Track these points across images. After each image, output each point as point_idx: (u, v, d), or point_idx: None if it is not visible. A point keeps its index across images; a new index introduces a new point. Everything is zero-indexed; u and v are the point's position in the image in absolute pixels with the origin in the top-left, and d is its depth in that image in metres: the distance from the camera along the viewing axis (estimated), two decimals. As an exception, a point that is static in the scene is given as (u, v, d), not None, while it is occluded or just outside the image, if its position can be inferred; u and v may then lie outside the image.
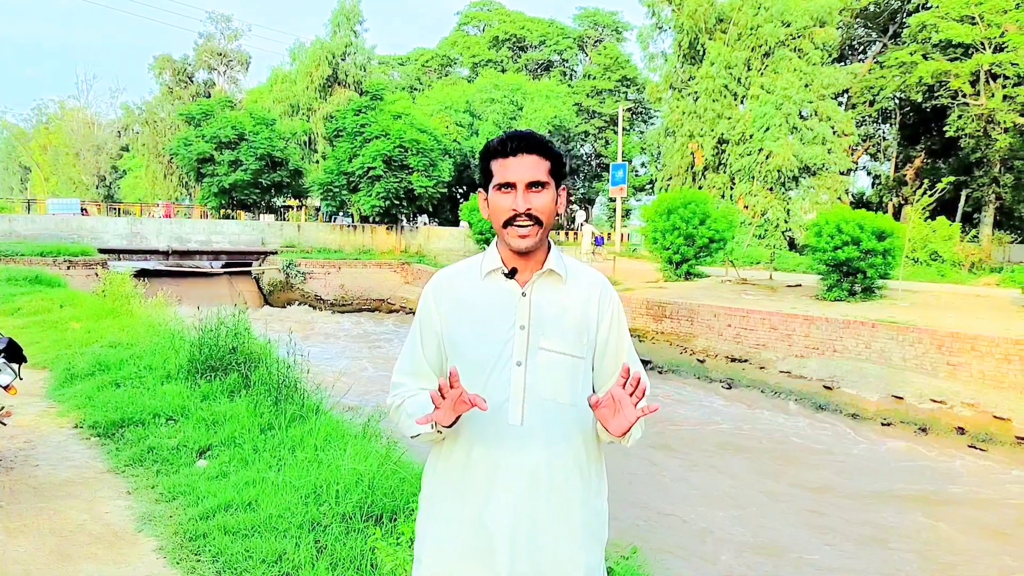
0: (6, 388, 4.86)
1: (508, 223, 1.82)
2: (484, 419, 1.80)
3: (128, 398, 6.65)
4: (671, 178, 41.11)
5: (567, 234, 57.14)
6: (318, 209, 43.75)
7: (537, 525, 1.81)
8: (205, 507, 4.39)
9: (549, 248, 1.90)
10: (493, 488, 1.81)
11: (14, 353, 5.03)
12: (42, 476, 5.07)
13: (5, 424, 5.22)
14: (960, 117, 33.10)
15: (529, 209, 1.80)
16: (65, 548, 4.01)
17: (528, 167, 1.82)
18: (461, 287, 1.91)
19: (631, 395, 1.71)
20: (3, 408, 5.07)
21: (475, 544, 1.81)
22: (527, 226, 1.81)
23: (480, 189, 1.93)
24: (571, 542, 1.86)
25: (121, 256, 29.39)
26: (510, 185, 1.82)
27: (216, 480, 4.86)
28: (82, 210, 35.96)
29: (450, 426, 1.73)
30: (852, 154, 40.56)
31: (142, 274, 26.68)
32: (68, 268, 23.85)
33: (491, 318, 1.85)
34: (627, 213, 56.77)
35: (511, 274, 1.86)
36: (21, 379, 5.07)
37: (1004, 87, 31.86)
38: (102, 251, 27.68)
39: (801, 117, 37.51)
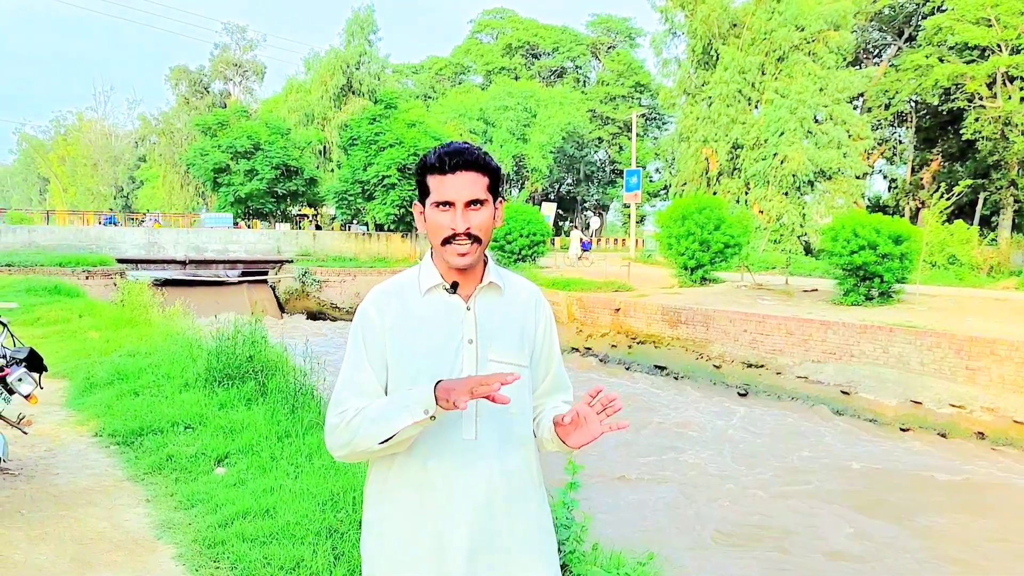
0: (27, 397, 4.91)
1: (447, 241, 1.79)
2: (438, 435, 1.79)
3: (146, 406, 6.69)
4: (685, 183, 41.06)
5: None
6: (333, 217, 43.96)
7: (497, 539, 1.80)
8: (223, 514, 4.41)
9: (486, 260, 1.90)
10: (451, 505, 1.78)
11: (35, 362, 5.07)
12: (62, 484, 5.11)
13: (26, 433, 5.27)
14: (977, 120, 32.89)
15: (468, 228, 1.78)
16: (85, 555, 4.05)
17: (466, 185, 1.78)
18: (403, 303, 1.86)
19: (599, 413, 1.73)
20: (24, 417, 5.12)
21: (432, 565, 1.78)
22: (466, 245, 1.78)
23: (416, 202, 1.89)
24: (531, 553, 1.86)
25: (139, 266, 29.63)
26: (448, 203, 1.79)
27: (234, 488, 4.89)
28: (234, 223, 36.62)
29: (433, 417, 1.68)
30: (868, 158, 40.37)
31: (160, 284, 26.90)
32: (87, 278, 24.03)
33: (438, 334, 1.83)
34: (641, 219, 56.72)
35: (453, 288, 1.85)
36: (42, 388, 5.12)
37: (1021, 89, 31.64)
38: (120, 261, 27.89)
39: (816, 121, 37.38)
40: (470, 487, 1.79)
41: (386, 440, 1.71)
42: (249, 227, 37.29)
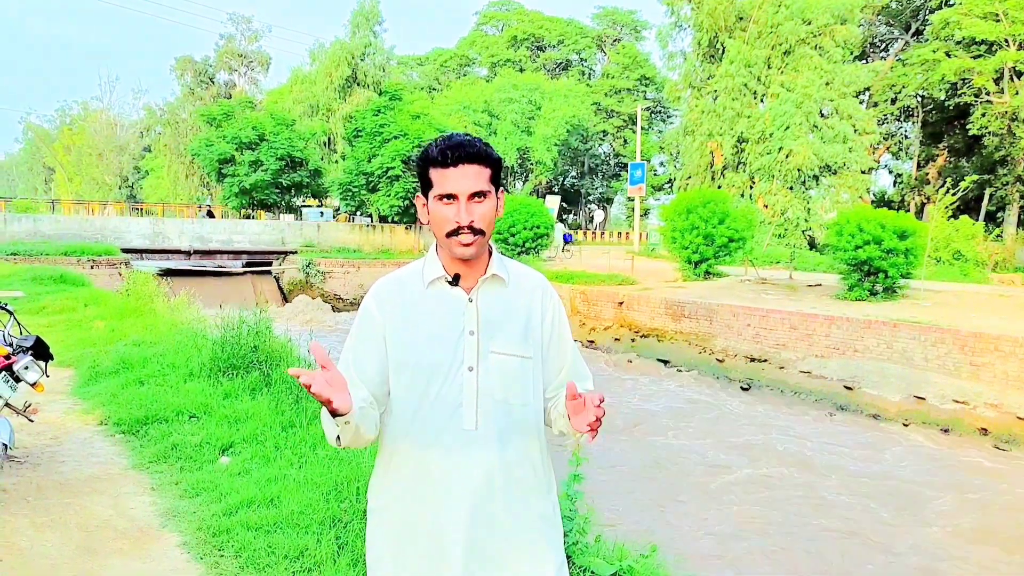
0: (33, 385, 4.93)
1: (451, 234, 1.80)
2: (438, 426, 1.81)
3: (152, 396, 6.72)
4: (690, 177, 40.96)
5: (585, 234, 57.06)
6: (337, 209, 43.98)
7: (495, 529, 1.82)
8: (228, 503, 4.44)
9: (491, 252, 1.90)
10: (449, 495, 1.80)
11: (41, 351, 5.10)
12: (68, 472, 5.14)
13: (32, 421, 5.30)
14: (984, 115, 32.80)
15: (472, 221, 1.79)
16: (91, 543, 4.07)
17: (470, 177, 1.79)
18: (405, 296, 1.88)
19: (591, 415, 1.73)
20: (30, 405, 5.15)
21: (431, 553, 1.81)
22: (470, 237, 1.79)
23: (419, 195, 1.89)
24: (531, 544, 1.87)
25: (144, 256, 29.67)
26: (452, 196, 1.80)
27: (239, 477, 4.92)
28: (333, 216, 37.07)
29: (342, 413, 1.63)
30: (873, 153, 40.23)
31: (165, 273, 26.94)
32: (92, 267, 24.11)
33: (439, 325, 1.84)
34: (646, 212, 56.65)
35: (455, 281, 1.85)
36: (48, 376, 5.14)
37: (1029, 84, 31.53)
38: (125, 251, 27.94)
39: (822, 115, 37.26)
40: (468, 477, 1.81)
41: (336, 439, 1.75)
42: (253, 217, 37.38)
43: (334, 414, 1.63)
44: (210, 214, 38.06)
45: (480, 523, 1.81)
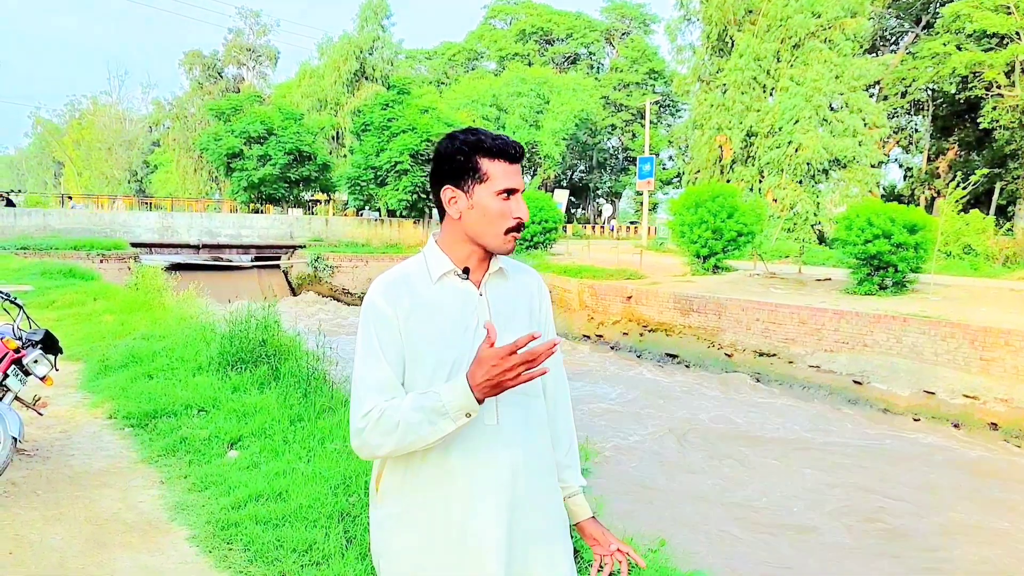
0: (43, 379, 4.95)
1: (511, 230, 1.80)
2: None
3: (160, 389, 6.73)
4: (699, 171, 40.86)
5: (593, 228, 56.98)
6: (345, 203, 44.06)
7: (522, 523, 1.79)
8: (236, 497, 4.44)
9: None
10: (476, 493, 1.74)
11: (50, 344, 5.12)
12: (77, 465, 5.16)
13: (41, 414, 5.32)
14: (994, 108, 32.63)
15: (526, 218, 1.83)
16: (100, 536, 4.09)
17: (521, 175, 1.84)
18: (415, 291, 1.80)
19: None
20: (39, 398, 5.16)
21: (464, 554, 1.74)
22: (518, 233, 1.82)
23: (449, 186, 1.80)
24: (554, 534, 1.87)
25: (153, 250, 29.78)
26: (513, 191, 1.80)
27: (247, 470, 4.92)
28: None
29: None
30: (883, 146, 40.06)
31: (173, 268, 27.02)
32: (101, 262, 24.16)
33: (453, 320, 1.79)
34: (654, 207, 56.53)
35: (466, 274, 1.83)
36: (57, 370, 5.16)
37: (1040, 77, 31.33)
38: (134, 245, 28.03)
39: (831, 109, 37.10)
40: (495, 475, 1.76)
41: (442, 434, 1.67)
42: (261, 211, 37.44)
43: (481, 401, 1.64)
44: (9, 203, 32.63)
45: (510, 521, 1.77)
